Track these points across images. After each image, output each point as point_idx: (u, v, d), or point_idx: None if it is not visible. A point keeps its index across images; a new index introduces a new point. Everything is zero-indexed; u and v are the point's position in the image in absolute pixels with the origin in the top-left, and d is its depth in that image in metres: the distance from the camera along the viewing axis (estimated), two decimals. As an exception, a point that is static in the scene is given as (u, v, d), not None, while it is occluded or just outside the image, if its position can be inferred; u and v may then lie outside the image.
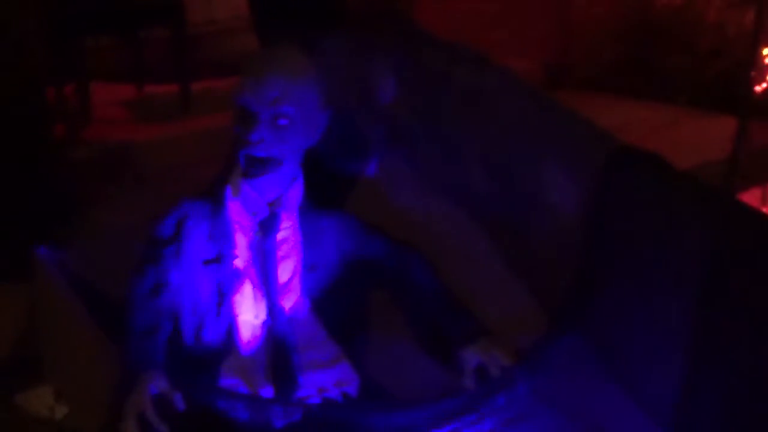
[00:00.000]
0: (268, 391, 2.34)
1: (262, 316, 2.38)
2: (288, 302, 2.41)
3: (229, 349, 2.39)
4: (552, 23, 6.50)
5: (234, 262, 2.41)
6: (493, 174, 2.42)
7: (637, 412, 1.99)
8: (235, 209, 2.42)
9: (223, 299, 2.39)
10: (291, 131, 2.35)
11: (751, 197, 4.23)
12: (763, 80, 5.82)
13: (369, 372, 2.41)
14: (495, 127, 2.41)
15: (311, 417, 2.17)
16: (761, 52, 5.91)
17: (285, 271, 2.41)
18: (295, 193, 2.43)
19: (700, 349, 1.88)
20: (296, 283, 2.41)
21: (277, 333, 2.38)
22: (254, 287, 2.39)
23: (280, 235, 2.42)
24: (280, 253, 2.41)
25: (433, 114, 2.55)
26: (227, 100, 2.29)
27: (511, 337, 2.24)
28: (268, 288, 2.40)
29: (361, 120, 2.44)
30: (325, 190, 2.53)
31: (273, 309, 2.39)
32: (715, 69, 6.02)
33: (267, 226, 2.41)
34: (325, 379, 2.38)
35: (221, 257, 2.41)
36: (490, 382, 2.16)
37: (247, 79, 2.35)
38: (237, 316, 2.38)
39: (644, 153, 2.08)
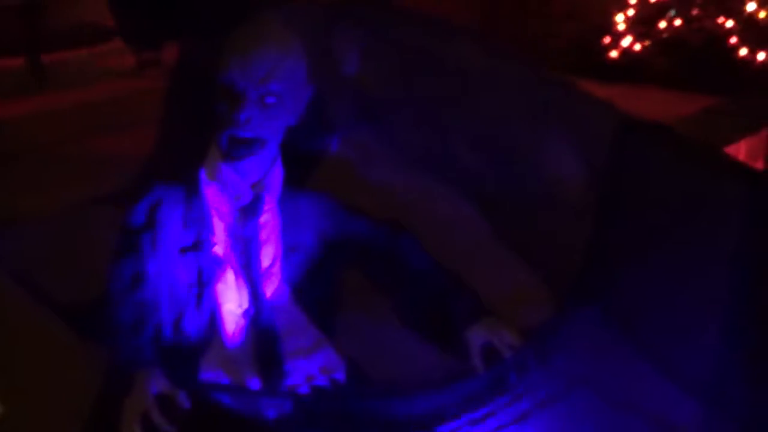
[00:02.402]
0: (255, 383, 2.24)
1: (245, 304, 2.28)
2: (269, 288, 2.30)
3: (210, 341, 2.28)
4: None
5: (213, 249, 2.26)
6: (484, 149, 2.38)
7: (669, 387, 2.00)
8: (212, 193, 2.30)
9: (203, 289, 2.26)
10: (279, 109, 2.24)
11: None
12: (618, 46, 6.04)
13: (352, 356, 2.32)
14: (484, 101, 2.36)
15: (325, 407, 2.08)
16: (615, 18, 6.13)
17: (266, 256, 2.31)
18: (277, 174, 2.33)
19: (735, 321, 1.90)
20: (277, 268, 2.32)
21: (261, 321, 2.28)
22: (236, 274, 2.26)
23: (262, 219, 2.29)
24: (261, 238, 2.29)
25: (410, 89, 2.48)
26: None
27: (513, 314, 2.19)
28: (251, 274, 2.27)
29: (324, 94, 2.32)
30: (288, 168, 2.41)
31: (256, 296, 2.28)
32: (569, 33, 6.16)
33: (249, 210, 2.28)
34: (311, 366, 2.30)
35: (199, 244, 2.30)
36: (511, 361, 2.11)
37: (232, 56, 2.20)
38: (220, 305, 2.26)
39: (657, 125, 2.08)
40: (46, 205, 3.26)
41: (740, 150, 4.09)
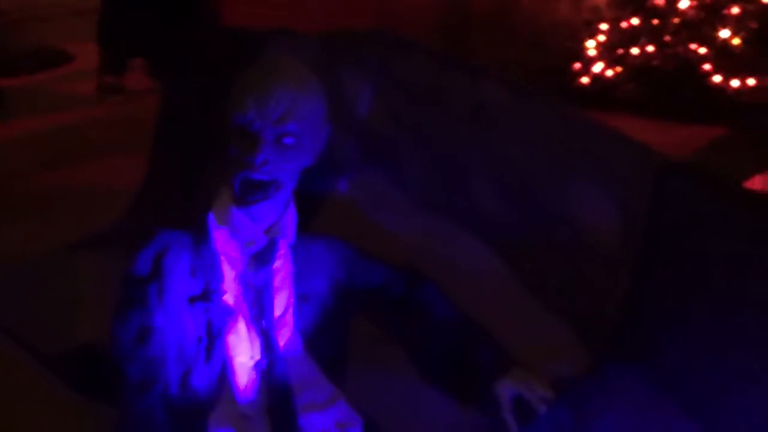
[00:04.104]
0: (269, 440, 2.08)
1: (257, 356, 2.14)
2: (282, 339, 2.16)
3: (219, 396, 2.14)
4: (371, 16, 6.39)
5: (223, 298, 2.13)
6: (507, 193, 2.27)
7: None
8: (221, 239, 2.16)
9: (213, 341, 2.13)
10: (296, 151, 2.12)
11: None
12: (588, 72, 6.00)
13: (367, 411, 2.19)
14: (505, 141, 2.25)
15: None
16: (586, 44, 6.10)
17: (279, 304, 2.18)
18: (291, 218, 2.20)
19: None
20: (290, 317, 2.19)
21: (274, 374, 2.14)
22: (247, 325, 2.13)
23: (275, 265, 2.16)
24: (274, 285, 2.16)
25: (424, 128, 2.36)
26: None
27: (543, 368, 2.09)
28: (264, 324, 2.15)
29: (333, 134, 2.21)
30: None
31: (269, 347, 2.15)
32: (541, 61, 6.11)
33: (262, 257, 2.15)
34: (326, 422, 2.18)
35: (208, 293, 2.16)
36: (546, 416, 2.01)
37: (246, 94, 2.07)
38: (232, 358, 2.12)
39: (699, 169, 2.00)
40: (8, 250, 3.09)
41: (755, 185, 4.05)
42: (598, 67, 5.99)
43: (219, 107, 2.22)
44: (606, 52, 6.06)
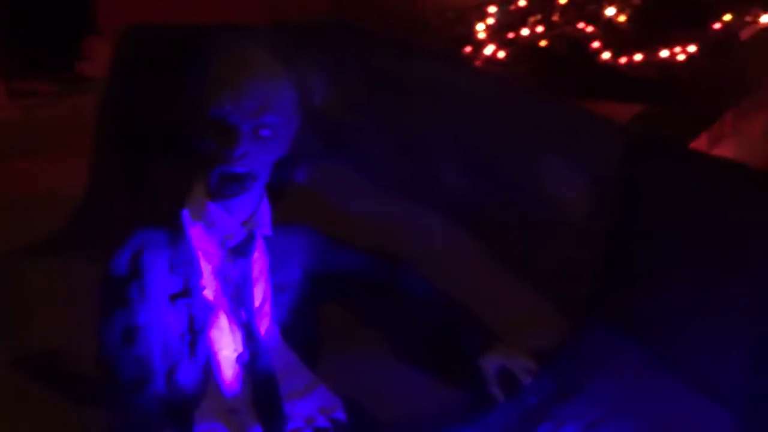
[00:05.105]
0: (257, 431, 2.13)
1: (240, 348, 2.16)
2: (261, 329, 2.18)
3: (205, 391, 2.16)
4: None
5: (203, 293, 2.14)
6: (475, 172, 2.33)
7: (703, 401, 2.00)
8: (197, 235, 2.17)
9: (197, 336, 2.14)
10: (272, 142, 2.13)
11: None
12: (480, 55, 6.10)
13: (348, 394, 2.23)
14: (468, 122, 2.31)
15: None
16: (475, 28, 6.20)
17: (257, 296, 2.20)
18: (265, 209, 2.21)
19: (765, 329, 1.92)
20: (268, 308, 2.21)
21: (257, 365, 2.16)
22: (228, 318, 2.15)
23: (253, 257, 2.19)
24: (253, 277, 2.18)
25: (387, 115, 2.41)
26: None
27: (523, 339, 2.16)
28: (244, 316, 2.16)
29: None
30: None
31: (251, 339, 2.16)
32: (431, 45, 6.16)
33: (240, 250, 2.17)
34: (309, 408, 2.21)
35: (188, 290, 2.16)
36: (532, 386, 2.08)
37: (222, 88, 2.08)
38: (216, 353, 2.14)
39: (670, 142, 2.10)
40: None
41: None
42: (489, 50, 6.08)
43: (177, 104, 2.21)
44: (496, 35, 6.14)
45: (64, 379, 2.30)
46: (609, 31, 5.86)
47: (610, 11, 5.88)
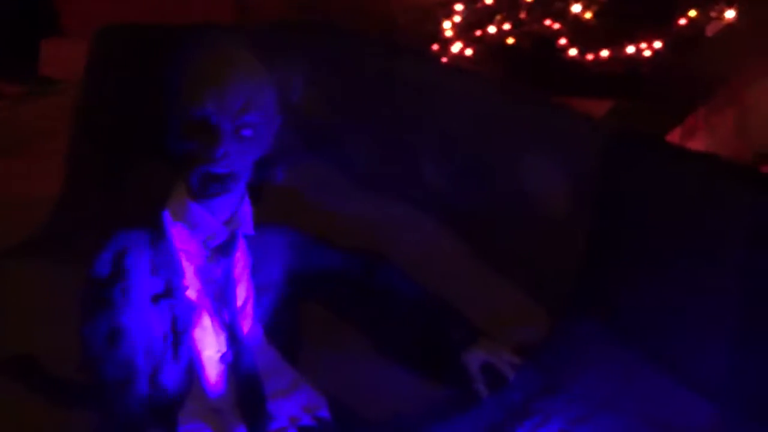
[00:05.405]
0: (241, 431, 2.13)
1: (223, 348, 2.15)
2: (244, 329, 2.18)
3: (188, 392, 2.16)
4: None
5: (186, 294, 2.14)
6: (455, 169, 2.34)
7: (687, 394, 2.02)
8: (179, 235, 2.16)
9: (180, 337, 2.13)
10: (254, 142, 2.13)
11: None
12: (447, 53, 6.11)
13: (332, 393, 2.24)
14: (451, 120, 2.32)
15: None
16: (442, 26, 6.21)
17: (239, 295, 2.19)
18: (247, 209, 2.21)
19: (749, 321, 1.95)
20: (250, 308, 2.21)
21: (241, 365, 2.16)
22: (211, 318, 2.14)
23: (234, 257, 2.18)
24: (235, 277, 2.18)
25: (368, 113, 2.41)
26: None
27: (505, 335, 2.18)
28: (227, 316, 2.16)
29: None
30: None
31: (234, 339, 2.16)
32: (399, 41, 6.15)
33: (223, 250, 2.16)
34: (293, 407, 2.21)
35: (171, 290, 2.15)
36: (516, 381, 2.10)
37: (203, 88, 2.08)
38: (199, 353, 2.13)
39: (649, 135, 2.11)
40: None
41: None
42: (456, 47, 6.09)
43: (156, 104, 2.20)
44: (463, 33, 6.15)
45: (46, 381, 2.28)
46: (575, 28, 5.87)
47: (576, 8, 5.90)
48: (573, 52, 5.79)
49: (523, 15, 5.98)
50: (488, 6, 6.12)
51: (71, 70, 3.09)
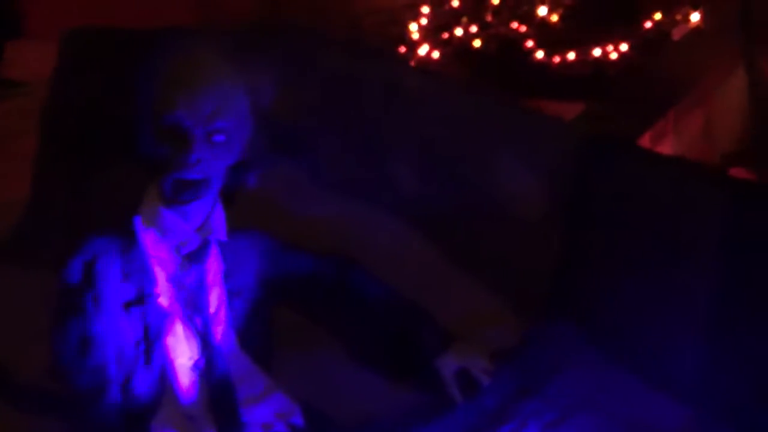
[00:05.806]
0: (214, 438, 2.09)
1: (195, 355, 2.14)
2: (217, 336, 2.17)
3: (161, 399, 2.15)
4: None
5: (158, 301, 2.12)
6: (427, 172, 2.34)
7: (659, 396, 2.04)
8: (150, 241, 2.14)
9: (152, 344, 2.11)
10: (226, 147, 2.12)
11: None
12: (414, 55, 6.12)
13: (304, 399, 2.23)
14: (423, 124, 2.33)
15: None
16: (408, 28, 6.21)
17: (212, 302, 2.18)
18: (219, 215, 2.20)
19: (720, 323, 1.96)
20: (223, 314, 2.19)
21: (214, 372, 2.15)
22: (184, 325, 2.13)
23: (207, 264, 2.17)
24: (207, 283, 2.17)
25: (339, 117, 2.40)
26: None
27: (479, 339, 2.18)
28: (201, 323, 2.15)
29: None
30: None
31: (207, 346, 2.15)
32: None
33: (195, 256, 2.15)
34: (266, 413, 2.20)
35: (142, 297, 2.14)
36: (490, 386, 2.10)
37: (174, 93, 2.06)
38: (172, 360, 2.12)
39: (621, 139, 2.13)
40: None
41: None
42: (423, 50, 6.09)
43: (126, 108, 2.19)
44: (430, 35, 6.16)
45: (16, 390, 2.25)
46: (542, 31, 5.90)
47: (542, 11, 5.93)
48: (540, 54, 5.81)
49: (489, 18, 5.99)
50: (455, 8, 6.13)
51: (35, 72, 3.06)
